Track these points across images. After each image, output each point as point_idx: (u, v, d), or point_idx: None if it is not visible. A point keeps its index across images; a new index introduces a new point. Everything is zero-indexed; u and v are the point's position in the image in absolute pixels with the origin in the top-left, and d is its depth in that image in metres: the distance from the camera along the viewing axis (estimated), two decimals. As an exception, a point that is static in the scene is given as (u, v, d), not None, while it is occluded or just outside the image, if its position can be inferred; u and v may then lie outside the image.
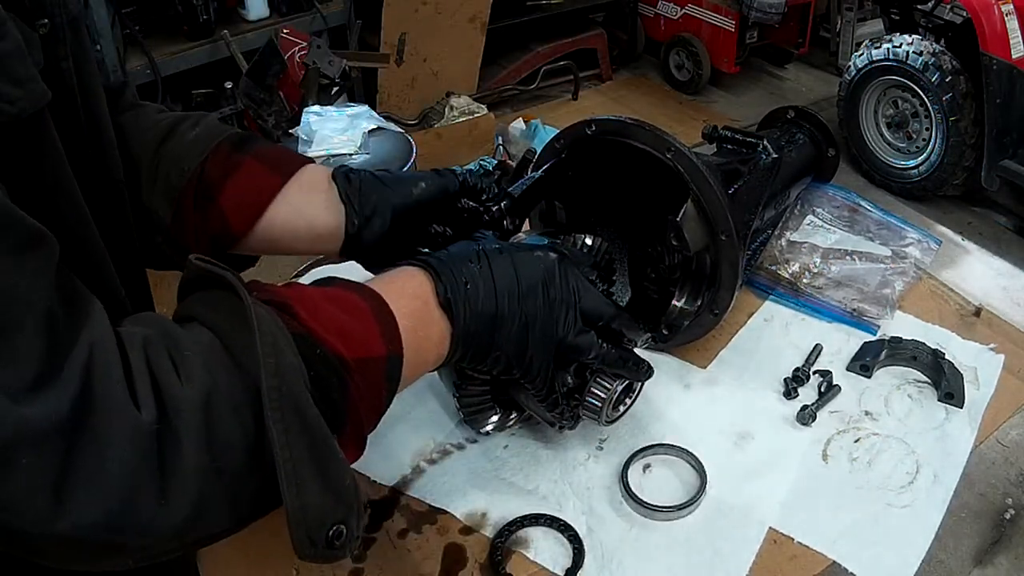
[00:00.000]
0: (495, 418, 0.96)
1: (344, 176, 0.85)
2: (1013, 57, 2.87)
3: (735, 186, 1.12)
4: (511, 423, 0.97)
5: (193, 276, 0.61)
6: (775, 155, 1.21)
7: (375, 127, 1.48)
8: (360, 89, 3.28)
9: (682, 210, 0.95)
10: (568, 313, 0.75)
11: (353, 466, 0.92)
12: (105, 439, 0.47)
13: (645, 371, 0.85)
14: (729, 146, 1.28)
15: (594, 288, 0.79)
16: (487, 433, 0.97)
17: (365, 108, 1.53)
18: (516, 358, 0.73)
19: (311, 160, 0.88)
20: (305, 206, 0.84)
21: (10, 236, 0.48)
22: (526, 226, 0.99)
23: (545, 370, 0.76)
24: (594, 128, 1.02)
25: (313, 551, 0.56)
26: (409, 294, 0.68)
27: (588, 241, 0.90)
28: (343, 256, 0.88)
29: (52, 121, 0.59)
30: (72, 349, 0.48)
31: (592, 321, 0.78)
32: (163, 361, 0.52)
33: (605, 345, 0.79)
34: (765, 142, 1.22)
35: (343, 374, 0.59)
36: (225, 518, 0.55)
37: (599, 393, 0.84)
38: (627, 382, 0.85)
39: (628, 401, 0.89)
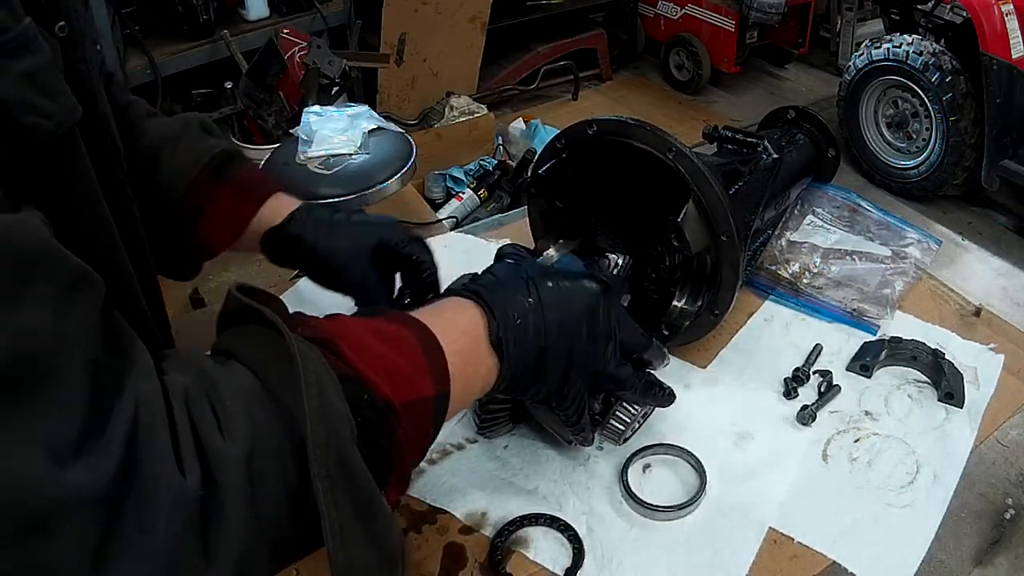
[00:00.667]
0: (507, 428, 0.97)
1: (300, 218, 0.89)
2: (1013, 57, 2.87)
3: (735, 186, 1.12)
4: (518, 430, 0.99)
5: (234, 309, 0.59)
6: (775, 155, 1.21)
7: (375, 127, 1.48)
8: (360, 89, 3.28)
9: (683, 211, 0.95)
10: (609, 346, 0.74)
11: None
12: (150, 507, 0.45)
13: (669, 396, 0.86)
14: (729, 146, 1.28)
15: (631, 320, 0.79)
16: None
17: (365, 108, 1.53)
18: (556, 389, 0.72)
19: (281, 188, 0.93)
20: (261, 232, 0.91)
21: (55, 278, 0.45)
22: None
23: (580, 399, 0.75)
24: (595, 128, 1.02)
25: None
26: (460, 329, 0.66)
27: (619, 260, 0.91)
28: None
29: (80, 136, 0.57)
30: (116, 403, 0.46)
31: (628, 353, 0.78)
32: (205, 415, 0.50)
33: (639, 377, 0.80)
34: (765, 142, 1.22)
35: (390, 419, 0.57)
36: (265, 568, 0.54)
37: (624, 418, 0.86)
38: (649, 407, 0.87)
39: (642, 420, 0.91)
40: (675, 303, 1.03)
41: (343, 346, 0.56)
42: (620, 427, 0.87)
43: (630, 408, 0.87)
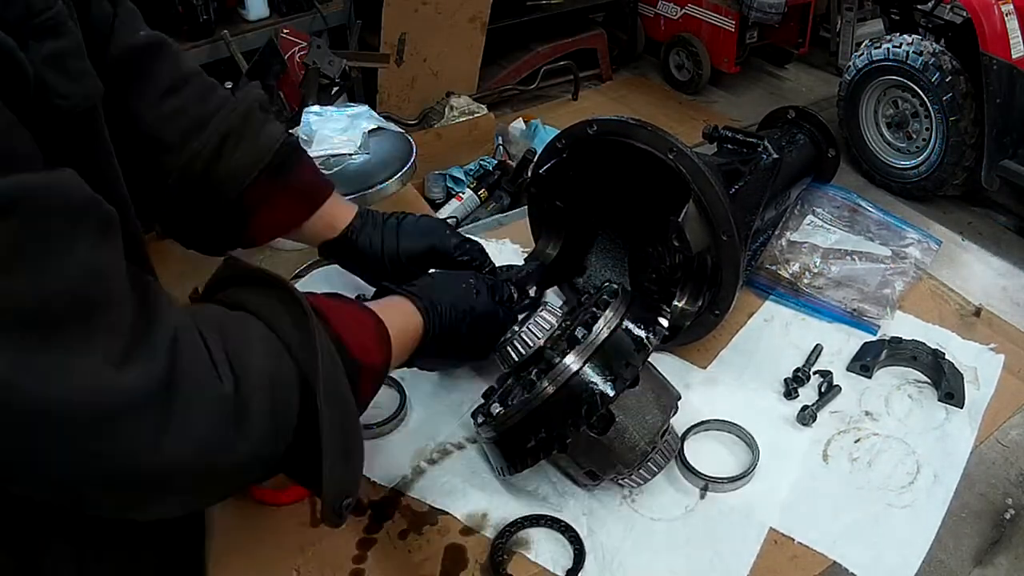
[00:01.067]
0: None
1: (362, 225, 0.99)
2: (1013, 57, 2.87)
3: (736, 186, 1.12)
4: None
5: (231, 273, 0.71)
6: (776, 155, 1.21)
7: (375, 127, 1.47)
8: (360, 89, 3.27)
9: (684, 211, 0.95)
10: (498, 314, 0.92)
11: (354, 467, 0.93)
12: (192, 405, 0.55)
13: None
14: (730, 146, 1.28)
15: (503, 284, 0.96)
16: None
17: (365, 108, 1.53)
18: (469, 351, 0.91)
19: (332, 189, 0.99)
20: (317, 236, 0.99)
21: (94, 217, 0.53)
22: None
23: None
24: (596, 128, 1.02)
25: (335, 520, 0.68)
26: (398, 310, 0.83)
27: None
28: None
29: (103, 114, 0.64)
30: (156, 320, 0.55)
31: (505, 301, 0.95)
32: (236, 340, 0.60)
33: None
34: (766, 142, 1.22)
35: (356, 377, 0.70)
36: (260, 473, 0.65)
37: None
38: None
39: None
40: (676, 303, 1.03)
41: (330, 316, 0.70)
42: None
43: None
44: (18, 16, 0.52)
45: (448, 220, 2.55)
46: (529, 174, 1.14)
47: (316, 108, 1.50)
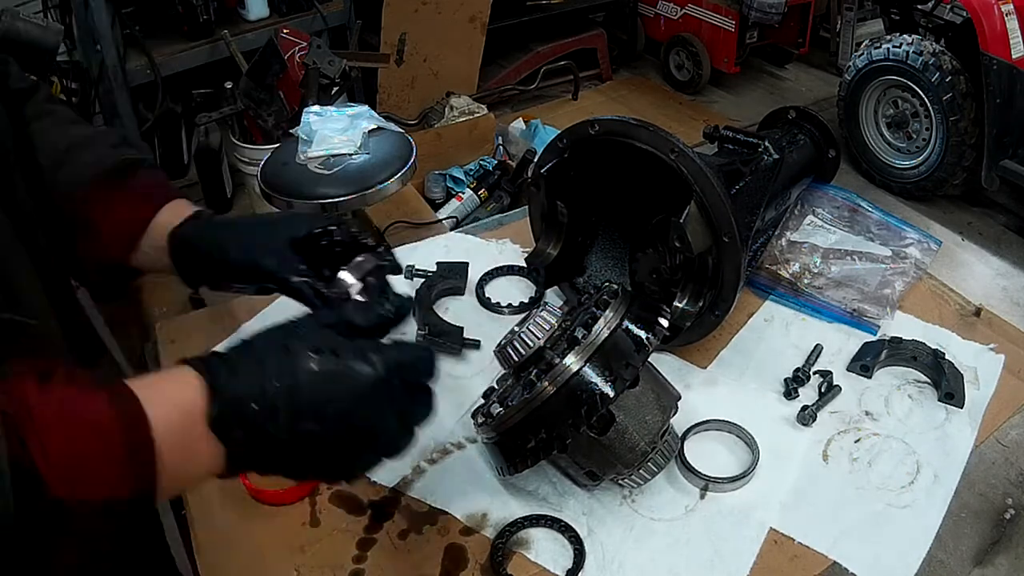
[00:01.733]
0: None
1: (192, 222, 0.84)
2: (1013, 57, 2.86)
3: (736, 187, 1.12)
4: None
5: None
6: (776, 156, 1.21)
7: (375, 127, 1.47)
8: (360, 89, 3.27)
9: (685, 212, 0.95)
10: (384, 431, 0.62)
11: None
12: None
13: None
14: (730, 146, 1.28)
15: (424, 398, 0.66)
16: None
17: (365, 108, 1.52)
18: (336, 471, 0.64)
19: (183, 195, 0.89)
20: (159, 239, 0.84)
21: None
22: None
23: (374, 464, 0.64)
24: (597, 128, 1.02)
25: None
26: (174, 402, 0.56)
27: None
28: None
29: None
30: None
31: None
32: None
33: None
34: (766, 143, 1.22)
35: (44, 507, 0.50)
36: None
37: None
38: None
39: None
40: (676, 304, 1.03)
41: (29, 429, 0.50)
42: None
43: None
44: None
45: (448, 220, 2.55)
46: (529, 174, 1.13)
47: (316, 108, 1.50)
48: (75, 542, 0.59)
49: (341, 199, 1.31)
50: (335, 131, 1.45)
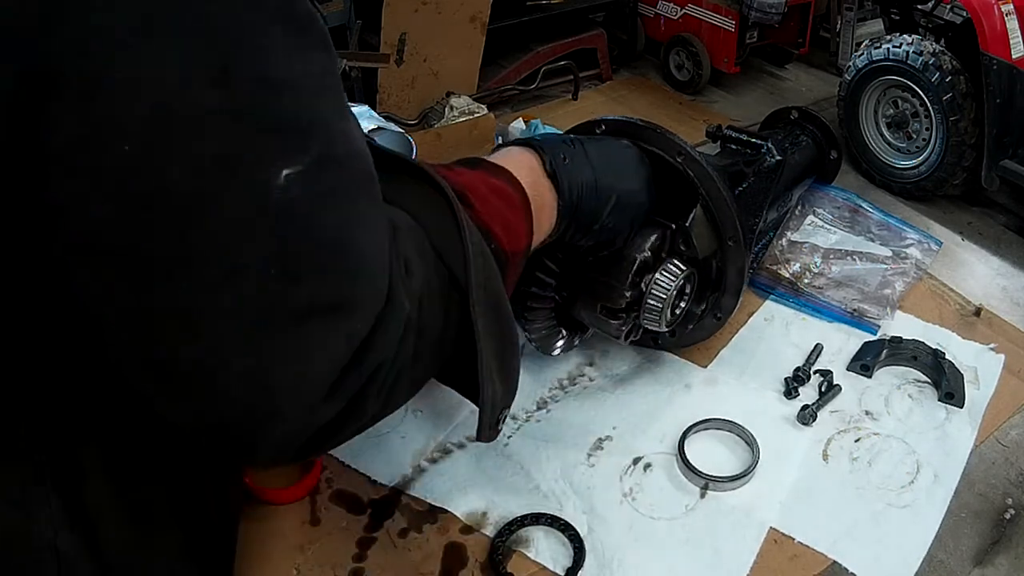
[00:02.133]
0: (562, 342, 1.01)
1: None
2: (1013, 57, 2.86)
3: (740, 188, 1.12)
4: (577, 343, 1.04)
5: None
6: (779, 157, 1.20)
7: (375, 127, 1.48)
8: (360, 89, 3.27)
9: (691, 215, 0.95)
10: (647, 189, 0.87)
11: (353, 466, 0.93)
12: (391, 330, 0.51)
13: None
14: (733, 147, 1.28)
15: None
16: (556, 355, 1.02)
17: (365, 108, 1.53)
18: (615, 229, 0.84)
19: None
20: None
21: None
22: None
23: (623, 235, 0.87)
24: (603, 128, 1.01)
25: (491, 433, 0.64)
26: (525, 166, 0.76)
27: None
28: None
29: None
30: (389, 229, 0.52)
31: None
32: (405, 253, 0.55)
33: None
34: (769, 143, 1.22)
35: (506, 268, 0.65)
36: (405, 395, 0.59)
37: (659, 294, 0.91)
38: (681, 283, 0.93)
39: (683, 304, 0.96)
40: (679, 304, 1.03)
41: (473, 199, 0.63)
42: (657, 304, 0.91)
43: (663, 285, 0.91)
44: None
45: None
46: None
47: (316, 108, 1.50)
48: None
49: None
50: (335, 131, 1.44)
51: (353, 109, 1.64)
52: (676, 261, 0.92)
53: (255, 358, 0.44)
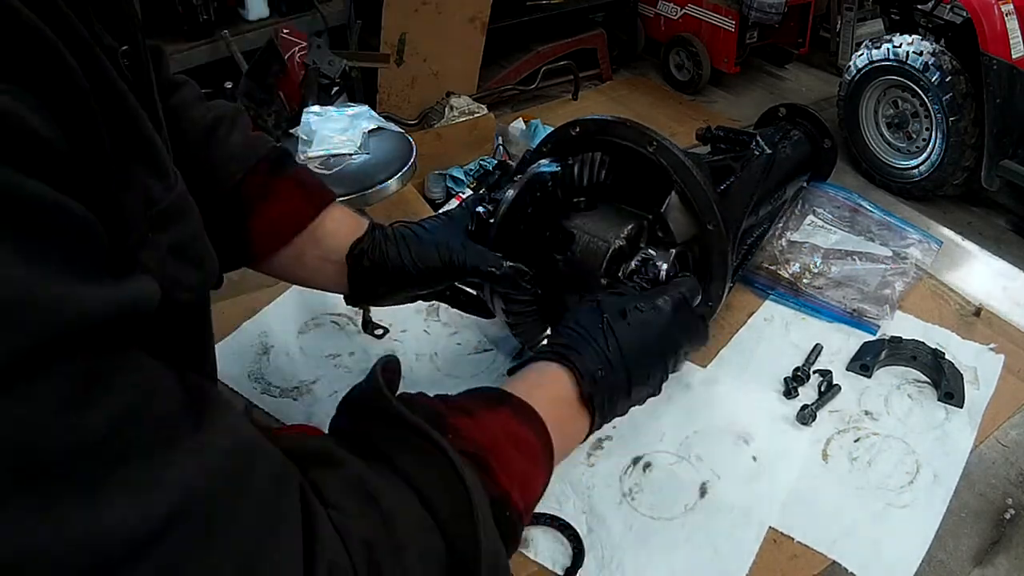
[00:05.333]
0: (541, 329, 0.99)
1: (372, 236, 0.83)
2: (1013, 57, 2.87)
3: (727, 182, 1.11)
4: None
5: (380, 403, 0.56)
6: (768, 151, 1.20)
7: (375, 127, 1.48)
8: (360, 89, 3.27)
9: (666, 202, 0.95)
10: (680, 351, 0.78)
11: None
12: None
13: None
14: (723, 145, 1.28)
15: (702, 324, 0.82)
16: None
17: (365, 108, 1.53)
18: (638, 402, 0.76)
19: (334, 194, 0.86)
20: (330, 251, 0.83)
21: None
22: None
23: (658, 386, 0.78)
24: (578, 129, 1.02)
25: None
26: (556, 398, 0.68)
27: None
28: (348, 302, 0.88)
29: None
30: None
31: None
32: (396, 543, 0.48)
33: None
34: (758, 138, 1.22)
35: (519, 528, 0.58)
36: None
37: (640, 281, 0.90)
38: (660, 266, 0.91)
39: None
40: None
41: (495, 465, 0.56)
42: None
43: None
44: (135, 211, 0.44)
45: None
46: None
47: (316, 108, 1.50)
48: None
49: (341, 199, 1.31)
50: (335, 131, 1.45)
51: (353, 109, 1.63)
52: (652, 248, 0.92)
53: None
